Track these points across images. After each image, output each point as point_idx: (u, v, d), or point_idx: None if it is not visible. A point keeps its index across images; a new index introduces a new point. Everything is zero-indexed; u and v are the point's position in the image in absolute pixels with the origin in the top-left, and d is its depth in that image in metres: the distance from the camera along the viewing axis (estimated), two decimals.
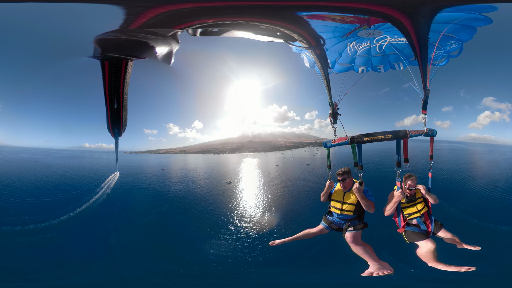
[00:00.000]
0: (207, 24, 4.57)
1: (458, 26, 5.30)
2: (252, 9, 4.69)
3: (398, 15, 4.71)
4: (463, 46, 5.87)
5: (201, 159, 53.10)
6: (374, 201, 4.96)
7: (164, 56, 4.61)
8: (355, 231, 4.94)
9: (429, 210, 5.21)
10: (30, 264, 12.61)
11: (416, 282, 8.90)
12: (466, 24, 5.30)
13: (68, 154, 47.29)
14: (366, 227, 5.07)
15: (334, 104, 5.61)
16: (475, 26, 5.31)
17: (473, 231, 14.99)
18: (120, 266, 12.62)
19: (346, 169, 5.08)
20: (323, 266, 12.49)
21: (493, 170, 28.07)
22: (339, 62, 6.66)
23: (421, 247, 4.87)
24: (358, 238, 4.92)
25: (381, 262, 4.69)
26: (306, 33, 5.15)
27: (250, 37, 5.11)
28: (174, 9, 4.22)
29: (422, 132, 4.91)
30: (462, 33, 5.49)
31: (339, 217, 5.13)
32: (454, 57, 6.12)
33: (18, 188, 23.53)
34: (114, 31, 4.07)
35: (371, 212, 4.90)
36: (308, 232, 5.34)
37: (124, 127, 4.92)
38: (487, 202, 19.49)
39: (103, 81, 4.32)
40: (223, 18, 4.61)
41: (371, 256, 4.73)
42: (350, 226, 5.00)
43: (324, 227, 5.30)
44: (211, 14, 4.50)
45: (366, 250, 4.79)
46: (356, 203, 5.03)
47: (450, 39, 5.64)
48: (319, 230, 5.32)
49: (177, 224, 18.23)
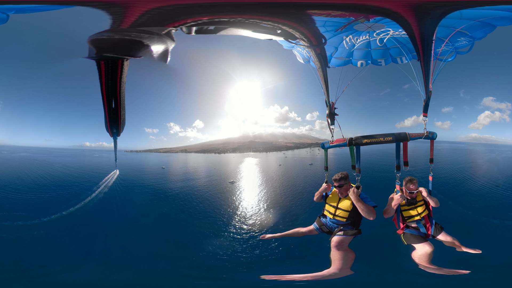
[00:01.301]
0: (202, 21, 4.50)
1: (477, 23, 5.11)
2: (252, 7, 4.60)
3: (408, 16, 4.61)
4: (474, 43, 5.70)
5: (202, 158, 53.14)
6: (376, 205, 4.76)
7: (160, 55, 4.56)
8: (344, 236, 4.73)
9: (430, 213, 5.16)
10: (7, 260, 12.45)
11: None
12: (486, 22, 5.09)
13: (69, 153, 47.41)
14: (359, 234, 4.84)
15: (331, 104, 5.53)
16: (496, 25, 5.10)
17: (474, 226, 15.32)
18: (113, 268, 12.48)
19: (344, 175, 4.89)
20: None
21: (492, 168, 28.33)
22: (335, 56, 6.49)
23: (417, 249, 4.87)
24: (344, 244, 4.70)
25: (346, 270, 4.52)
26: (308, 31, 5.08)
27: (249, 35, 5.04)
28: (167, 5, 4.15)
29: (422, 135, 4.85)
30: (478, 31, 5.31)
31: (332, 221, 5.01)
32: (463, 53, 5.93)
33: (17, 184, 23.59)
34: (107, 31, 4.03)
35: (371, 218, 4.61)
36: (298, 231, 5.29)
37: (122, 127, 4.88)
38: (487, 200, 19.72)
39: (100, 81, 4.28)
40: (220, 16, 4.53)
41: (346, 264, 4.51)
42: (341, 231, 4.81)
43: (315, 228, 5.21)
44: (207, 11, 4.42)
45: (346, 257, 4.58)
46: (350, 210, 4.82)
47: (462, 36, 5.48)
48: (309, 230, 5.25)
49: (178, 223, 18.19)
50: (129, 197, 22.42)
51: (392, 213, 4.99)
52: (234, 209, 20.22)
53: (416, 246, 4.89)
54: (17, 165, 32.30)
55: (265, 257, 12.68)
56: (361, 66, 6.48)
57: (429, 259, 4.69)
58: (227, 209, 20.19)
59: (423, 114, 5.12)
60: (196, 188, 25.64)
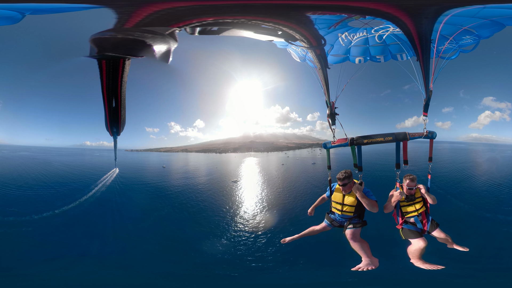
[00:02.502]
0: (207, 22, 4.54)
1: (487, 22, 5.10)
2: (255, 8, 4.65)
3: (401, 16, 4.65)
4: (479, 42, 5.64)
5: (204, 157, 53.22)
6: (376, 200, 5.05)
7: (162, 55, 4.57)
8: (354, 229, 5.17)
9: (427, 210, 5.32)
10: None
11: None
12: (496, 21, 5.08)
13: (69, 152, 47.44)
14: (365, 225, 5.27)
15: (332, 104, 5.57)
16: (506, 25, 5.07)
17: (468, 218, 15.77)
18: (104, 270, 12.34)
19: (348, 173, 5.05)
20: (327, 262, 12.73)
21: (490, 166, 28.61)
22: (332, 54, 6.45)
23: (413, 244, 5.09)
24: (357, 235, 5.18)
25: (372, 258, 5.12)
26: (308, 33, 5.14)
27: (250, 36, 5.09)
28: (170, 7, 4.18)
29: (422, 134, 4.96)
30: (486, 29, 5.28)
31: (340, 216, 5.29)
32: (466, 52, 5.91)
33: (17, 181, 23.62)
34: (109, 30, 4.04)
35: (375, 211, 4.98)
36: (313, 229, 5.57)
37: (122, 126, 4.89)
38: (486, 197, 20.10)
39: (101, 80, 4.29)
40: (224, 17, 4.58)
41: (366, 252, 5.12)
42: (350, 224, 5.20)
43: (327, 224, 5.48)
44: (212, 12, 4.46)
45: (362, 246, 5.13)
46: (355, 204, 5.11)
47: (468, 34, 5.46)
48: (322, 227, 5.53)
49: (179, 223, 18.14)
50: (130, 195, 22.43)
51: (392, 209, 5.25)
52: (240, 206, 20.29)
53: (412, 241, 5.11)
54: (17, 164, 32.33)
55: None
56: (359, 63, 6.45)
57: (420, 254, 4.96)
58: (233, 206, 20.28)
59: (423, 114, 5.17)
60: (199, 186, 25.67)
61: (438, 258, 5.07)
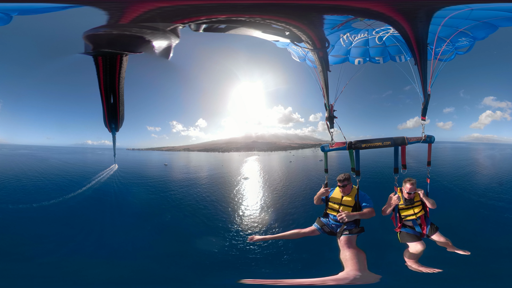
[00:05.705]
0: (217, 20, 4.49)
1: (481, 23, 5.11)
2: (273, 7, 4.62)
3: (399, 19, 4.63)
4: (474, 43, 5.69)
5: (207, 156, 53.21)
6: (372, 206, 4.88)
7: (162, 51, 4.55)
8: (350, 235, 4.79)
9: (426, 214, 5.27)
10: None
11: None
12: (489, 23, 5.09)
13: (70, 151, 47.59)
14: (362, 231, 4.91)
15: (331, 106, 5.53)
16: (499, 26, 5.08)
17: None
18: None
19: (347, 176, 5.00)
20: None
21: (489, 164, 28.82)
22: (332, 54, 6.43)
23: (410, 247, 5.01)
24: (352, 243, 4.73)
25: (368, 273, 4.26)
26: (314, 34, 5.10)
27: (257, 36, 5.07)
28: (176, 5, 4.14)
29: (420, 139, 4.96)
30: (481, 31, 5.30)
31: (335, 221, 5.04)
32: (462, 53, 5.94)
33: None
34: (103, 26, 4.02)
35: (372, 216, 4.83)
36: (298, 232, 5.20)
37: (121, 122, 4.89)
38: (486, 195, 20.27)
39: (98, 77, 4.29)
40: (239, 15, 4.56)
41: (360, 264, 4.30)
42: (346, 230, 4.85)
43: (316, 228, 5.19)
44: (227, 10, 4.44)
45: (357, 256, 4.41)
46: (353, 205, 4.97)
47: (464, 36, 5.47)
48: (311, 231, 5.20)
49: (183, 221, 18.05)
50: (130, 192, 22.52)
51: (390, 212, 5.20)
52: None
53: (410, 245, 5.03)
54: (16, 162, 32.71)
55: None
56: (358, 64, 6.43)
57: (416, 258, 4.86)
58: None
59: (422, 118, 5.18)
60: (204, 184, 25.72)
61: (438, 263, 4.91)
